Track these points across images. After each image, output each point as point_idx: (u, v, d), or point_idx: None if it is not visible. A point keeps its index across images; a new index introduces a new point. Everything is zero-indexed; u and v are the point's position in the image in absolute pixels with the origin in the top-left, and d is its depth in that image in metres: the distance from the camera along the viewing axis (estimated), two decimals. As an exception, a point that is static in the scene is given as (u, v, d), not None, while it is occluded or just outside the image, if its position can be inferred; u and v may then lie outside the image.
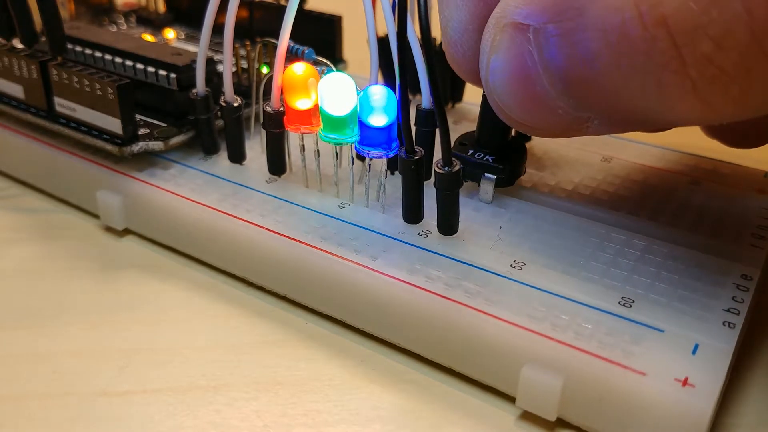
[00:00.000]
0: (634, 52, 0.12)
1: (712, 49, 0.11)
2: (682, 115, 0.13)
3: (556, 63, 0.14)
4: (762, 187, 0.20)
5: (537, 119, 0.15)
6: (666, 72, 0.12)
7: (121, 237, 0.21)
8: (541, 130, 0.15)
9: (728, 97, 0.12)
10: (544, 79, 0.14)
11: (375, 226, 0.18)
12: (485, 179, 0.19)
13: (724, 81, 0.11)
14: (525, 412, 0.15)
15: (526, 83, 0.14)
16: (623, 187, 0.20)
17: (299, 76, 0.18)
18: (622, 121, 0.14)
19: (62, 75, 0.21)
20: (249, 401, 0.15)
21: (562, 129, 0.15)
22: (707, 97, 0.12)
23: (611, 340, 0.14)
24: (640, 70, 0.12)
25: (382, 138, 0.17)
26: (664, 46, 0.11)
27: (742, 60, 0.11)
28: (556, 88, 0.14)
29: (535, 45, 0.14)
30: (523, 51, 0.14)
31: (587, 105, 0.14)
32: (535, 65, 0.14)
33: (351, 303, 0.17)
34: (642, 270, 0.16)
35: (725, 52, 0.11)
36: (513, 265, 0.16)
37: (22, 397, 0.16)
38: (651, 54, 0.12)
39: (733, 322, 0.15)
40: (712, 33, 0.11)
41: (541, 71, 0.14)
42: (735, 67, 0.11)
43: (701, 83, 0.11)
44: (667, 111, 0.13)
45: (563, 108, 0.14)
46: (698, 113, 0.12)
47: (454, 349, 0.16)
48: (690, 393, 0.13)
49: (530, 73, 0.14)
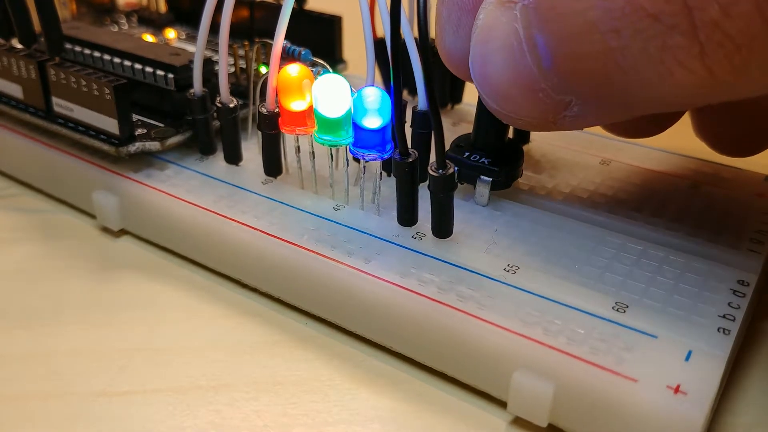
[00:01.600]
0: (639, 16, 0.12)
1: (719, 14, 0.11)
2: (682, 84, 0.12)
3: (544, 39, 0.13)
4: (762, 192, 0.20)
5: (517, 105, 0.15)
6: (675, 34, 0.12)
7: (118, 237, 0.21)
8: (520, 118, 0.15)
9: (732, 66, 0.12)
10: (529, 58, 0.14)
11: (369, 228, 0.18)
12: (481, 182, 0.18)
13: (730, 48, 0.11)
14: (517, 418, 0.15)
15: (511, 63, 0.14)
16: (621, 190, 0.20)
17: (294, 78, 0.18)
18: (606, 102, 0.14)
19: (60, 75, 0.21)
20: (249, 401, 0.15)
21: (541, 117, 0.15)
22: (712, 63, 0.12)
23: (604, 346, 0.14)
24: (643, 34, 0.12)
25: (376, 140, 0.17)
26: (675, 9, 0.12)
27: (746, 28, 0.11)
28: (542, 66, 0.14)
29: (522, 21, 0.14)
30: (509, 30, 0.14)
31: (573, 84, 0.14)
32: (520, 43, 0.14)
33: (343, 306, 0.17)
34: (637, 275, 0.16)
35: (731, 20, 0.11)
36: (507, 269, 0.16)
37: (22, 397, 0.16)
38: (660, 16, 0.12)
39: (729, 328, 0.15)
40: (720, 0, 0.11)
41: (526, 50, 0.14)
42: (740, 34, 0.11)
43: (709, 47, 0.12)
44: (665, 79, 0.13)
45: (545, 91, 0.14)
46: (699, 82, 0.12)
47: (445, 353, 0.16)
48: (682, 400, 0.13)
49: (515, 52, 0.14)
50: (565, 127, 0.15)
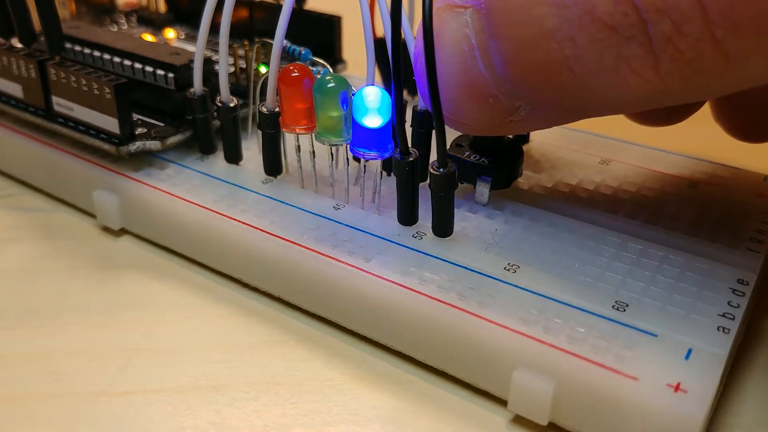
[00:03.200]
0: (597, 27, 0.12)
1: (673, 31, 0.12)
2: (635, 91, 0.13)
3: (498, 45, 0.13)
4: (761, 191, 0.20)
5: (465, 111, 0.15)
6: (632, 44, 0.12)
7: (118, 237, 0.21)
8: (466, 123, 0.15)
9: (682, 76, 0.12)
10: (481, 64, 0.14)
11: (370, 227, 0.18)
12: (481, 181, 0.19)
13: (681, 61, 0.12)
14: (517, 416, 0.15)
15: (460, 70, 0.14)
16: (621, 189, 0.20)
17: (294, 77, 0.18)
18: (558, 105, 0.14)
19: (60, 74, 0.21)
20: (249, 401, 0.15)
21: (488, 122, 0.15)
22: (665, 73, 0.12)
23: (604, 345, 0.14)
24: (600, 44, 0.12)
25: (377, 139, 0.17)
26: (632, 21, 0.12)
27: (696, 45, 0.12)
28: (492, 72, 0.14)
29: (473, 28, 0.13)
30: (459, 35, 0.14)
31: (526, 90, 0.14)
32: (471, 49, 0.14)
33: (344, 305, 0.17)
34: (637, 274, 0.16)
35: (683, 37, 0.12)
36: (507, 267, 0.16)
37: (22, 397, 0.16)
38: (617, 27, 0.12)
39: (728, 327, 0.15)
40: (673, 17, 0.12)
41: (478, 56, 0.14)
42: (691, 50, 0.12)
43: (662, 58, 0.12)
44: (619, 86, 0.13)
45: (495, 96, 0.14)
46: (652, 88, 0.13)
47: (446, 351, 0.16)
48: (682, 399, 0.13)
49: (465, 58, 0.14)
50: (508, 132, 0.15)
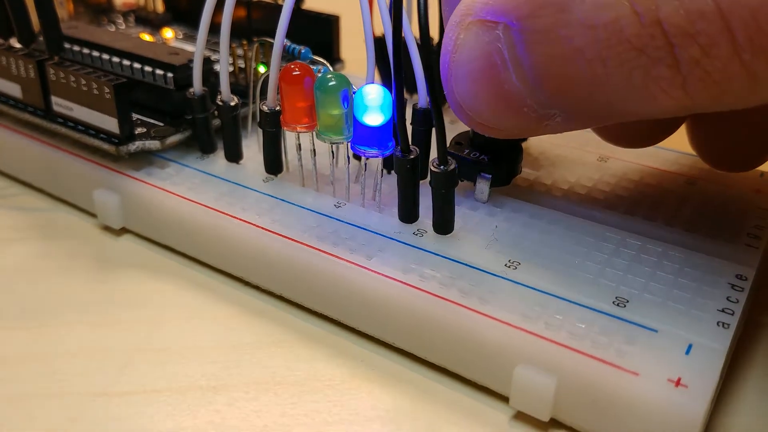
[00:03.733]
0: (625, 48, 0.12)
1: (700, 54, 0.12)
2: (664, 106, 0.13)
3: (530, 60, 0.14)
4: (758, 188, 0.20)
5: (500, 119, 0.15)
6: (660, 66, 0.12)
7: (119, 236, 0.21)
8: (502, 130, 0.15)
9: (710, 94, 0.12)
10: (514, 77, 0.14)
11: (371, 225, 0.18)
12: (481, 178, 0.19)
13: (709, 82, 0.12)
14: (519, 412, 0.15)
15: (494, 82, 0.14)
16: (619, 186, 0.20)
17: (296, 76, 0.18)
18: (590, 115, 0.14)
19: (59, 74, 0.21)
20: (249, 401, 0.15)
21: (523, 128, 0.15)
22: (693, 92, 0.12)
23: (605, 340, 0.14)
24: (629, 65, 0.13)
25: (377, 137, 0.17)
26: (660, 44, 0.12)
27: (724, 68, 0.12)
28: (527, 85, 0.14)
29: (506, 42, 0.14)
30: (491, 49, 0.14)
31: (558, 101, 0.14)
32: (504, 63, 0.14)
33: (346, 302, 0.17)
34: (637, 270, 0.16)
35: (711, 60, 0.12)
36: (508, 264, 0.16)
37: (22, 397, 0.16)
38: (645, 50, 0.12)
39: (728, 322, 0.15)
40: (701, 42, 0.12)
41: (511, 69, 0.14)
42: (718, 72, 0.12)
43: (690, 79, 0.12)
44: (648, 102, 0.13)
45: (530, 106, 0.14)
46: (680, 105, 0.13)
47: (447, 348, 0.16)
48: (683, 393, 0.13)
49: (498, 71, 0.14)
50: (544, 133, 0.15)
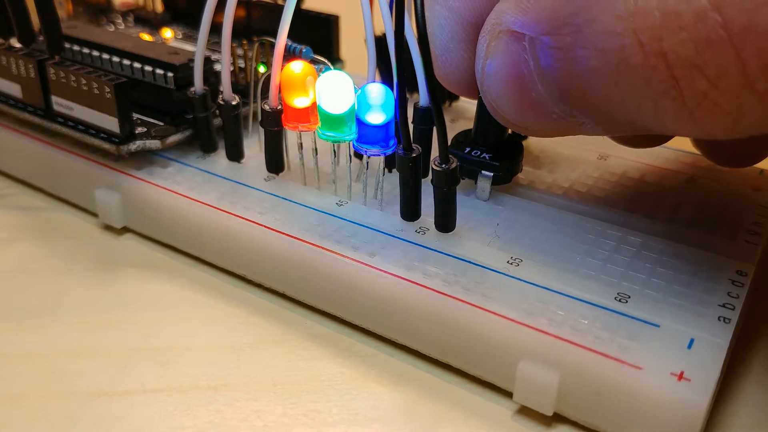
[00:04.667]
0: (632, 75, 0.12)
1: (707, 86, 0.12)
2: (677, 131, 0.13)
3: (552, 73, 0.14)
4: (757, 185, 0.20)
5: (532, 122, 0.15)
6: (664, 98, 0.12)
7: (120, 235, 0.21)
8: (537, 131, 0.16)
9: (721, 125, 0.12)
10: (540, 86, 0.14)
11: (373, 223, 0.18)
12: (482, 177, 0.19)
13: (719, 113, 0.12)
14: (522, 407, 0.15)
15: (522, 89, 0.15)
16: (619, 184, 0.20)
17: (297, 75, 0.18)
18: (617, 127, 0.15)
19: (60, 74, 0.21)
20: (249, 401, 0.15)
21: (556, 130, 0.15)
22: (702, 123, 0.12)
23: (607, 335, 0.14)
24: (637, 91, 0.13)
25: (379, 136, 0.17)
26: (663, 77, 0.12)
27: (735, 98, 0.11)
28: (551, 95, 0.14)
29: (531, 54, 0.14)
30: (519, 58, 0.14)
31: (582, 112, 0.14)
32: (530, 72, 0.14)
33: (349, 300, 0.17)
34: (638, 266, 0.16)
35: (720, 91, 0.11)
36: (510, 261, 0.17)
37: (22, 397, 0.16)
38: (650, 80, 0.12)
39: (728, 317, 0.15)
40: (708, 73, 0.11)
41: (536, 78, 0.14)
42: (729, 103, 0.12)
43: (697, 112, 0.12)
44: (662, 126, 0.13)
45: (558, 113, 0.15)
46: (692, 133, 0.13)
47: (451, 344, 0.16)
48: (685, 387, 0.13)
49: (525, 79, 0.14)
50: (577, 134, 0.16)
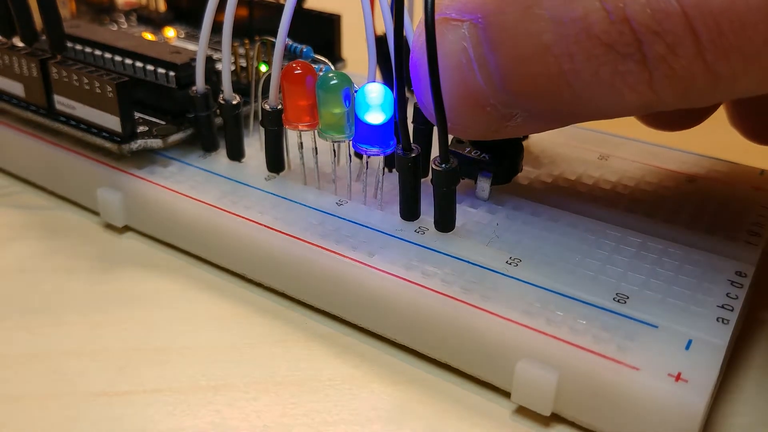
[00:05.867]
0: (594, 43, 0.13)
1: (666, 51, 0.12)
2: (629, 102, 0.13)
3: (496, 58, 0.14)
4: (758, 185, 0.20)
5: (463, 118, 0.15)
6: (628, 61, 0.13)
7: (121, 234, 0.21)
8: (465, 129, 0.16)
9: (675, 91, 0.13)
10: (479, 75, 0.14)
11: (372, 223, 0.18)
12: (482, 176, 0.19)
13: (674, 78, 0.12)
14: (520, 407, 0.15)
15: (457, 81, 0.14)
16: (619, 184, 0.20)
17: (297, 74, 0.18)
18: (554, 115, 0.15)
19: (62, 73, 0.21)
20: (249, 401, 0.15)
21: (485, 128, 0.15)
22: (659, 88, 0.13)
23: (606, 336, 0.14)
24: (597, 60, 0.13)
25: (379, 135, 0.17)
26: (628, 40, 0.12)
27: (689, 66, 0.12)
28: (491, 84, 0.14)
29: (471, 41, 0.14)
30: (456, 47, 0.14)
31: (522, 100, 0.14)
32: (469, 62, 0.14)
33: (348, 299, 0.17)
34: (637, 266, 0.16)
35: (676, 57, 0.12)
36: (509, 261, 0.17)
37: (22, 397, 0.16)
38: (614, 46, 0.12)
39: (727, 318, 0.15)
40: (667, 40, 0.12)
41: (476, 68, 0.14)
42: (683, 69, 0.12)
43: (656, 75, 0.13)
44: (614, 98, 0.13)
45: (492, 105, 0.14)
46: (645, 101, 0.13)
47: (450, 344, 0.16)
48: (683, 388, 0.13)
49: (463, 69, 0.14)
50: (505, 136, 0.16)
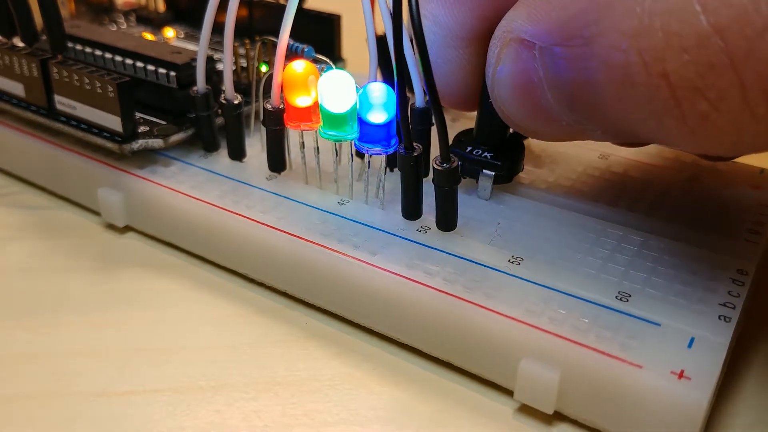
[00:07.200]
0: (636, 92, 0.12)
1: (709, 108, 0.12)
2: (681, 146, 0.13)
3: (561, 82, 0.14)
4: (757, 184, 0.20)
5: (542, 128, 0.16)
6: (666, 116, 0.12)
7: (122, 234, 0.21)
8: (547, 136, 0.16)
9: (722, 145, 0.12)
10: (549, 95, 0.15)
11: (374, 222, 0.18)
12: (483, 176, 0.19)
13: (719, 134, 0.12)
14: (523, 406, 0.15)
15: (531, 96, 0.15)
16: (620, 183, 0.20)
17: (299, 74, 0.18)
18: (624, 137, 0.15)
19: (63, 73, 0.21)
20: (249, 401, 0.15)
21: (566, 136, 0.16)
22: (703, 142, 0.12)
23: (608, 334, 0.14)
24: (641, 107, 0.13)
25: (381, 135, 0.17)
26: (665, 96, 0.12)
27: (735, 121, 0.12)
28: (560, 103, 0.15)
29: (541, 63, 0.14)
30: (529, 66, 0.15)
31: (590, 121, 0.15)
32: (540, 81, 0.14)
33: (350, 298, 0.17)
34: (639, 265, 0.17)
35: (720, 113, 0.12)
36: (511, 260, 0.17)
37: (22, 397, 0.16)
38: (652, 99, 0.12)
39: (729, 316, 0.15)
40: (709, 96, 0.11)
41: (546, 87, 0.14)
42: (729, 125, 0.12)
43: (699, 132, 0.12)
44: (666, 141, 0.13)
45: (567, 120, 0.15)
46: (695, 149, 0.13)
47: (452, 343, 0.16)
48: (686, 385, 0.13)
49: (535, 87, 0.15)
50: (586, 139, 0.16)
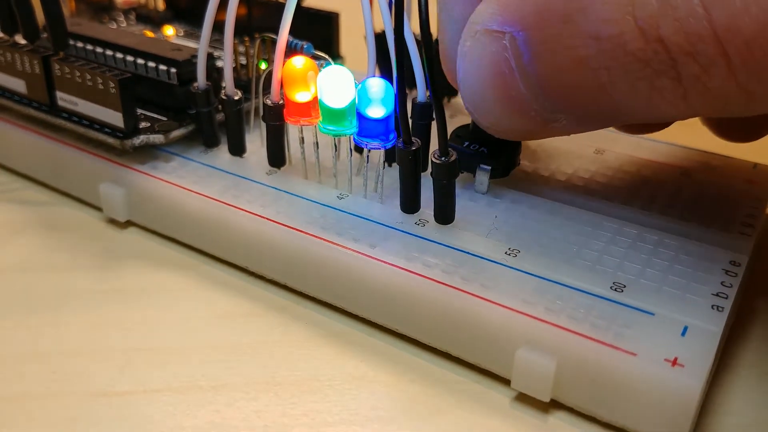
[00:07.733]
0: (630, 59, 0.13)
1: (700, 71, 0.12)
2: (667, 113, 0.14)
3: (536, 68, 0.14)
4: (751, 178, 0.20)
5: (508, 122, 0.16)
6: (663, 78, 0.13)
7: (124, 229, 0.21)
8: (511, 132, 0.16)
9: (710, 107, 0.13)
10: (521, 84, 0.15)
11: (373, 215, 0.18)
12: (480, 170, 0.19)
13: (709, 96, 0.13)
14: (520, 394, 0.15)
15: (501, 88, 0.15)
16: (616, 178, 0.20)
17: (299, 70, 0.18)
18: (595, 119, 0.15)
19: (64, 69, 0.21)
20: (249, 401, 0.15)
21: (530, 130, 0.16)
22: (694, 103, 0.13)
23: (603, 323, 0.15)
24: (633, 75, 0.13)
25: (380, 129, 0.18)
26: (663, 58, 0.13)
27: (722, 85, 0.12)
28: (533, 92, 0.15)
29: (512, 52, 0.14)
30: (499, 58, 0.15)
31: (563, 107, 0.15)
32: (511, 71, 0.15)
33: (350, 290, 0.17)
34: (633, 257, 0.17)
35: (710, 77, 0.12)
36: (508, 252, 0.17)
37: (22, 397, 0.16)
38: (649, 62, 0.13)
39: (722, 305, 0.15)
40: (700, 60, 0.12)
41: (518, 77, 0.15)
42: (717, 89, 0.13)
43: (691, 93, 0.13)
44: (652, 109, 0.14)
45: (536, 110, 0.15)
46: (682, 113, 0.14)
47: (450, 333, 0.16)
48: (679, 372, 0.14)
49: (505, 78, 0.15)
50: (550, 136, 0.16)
